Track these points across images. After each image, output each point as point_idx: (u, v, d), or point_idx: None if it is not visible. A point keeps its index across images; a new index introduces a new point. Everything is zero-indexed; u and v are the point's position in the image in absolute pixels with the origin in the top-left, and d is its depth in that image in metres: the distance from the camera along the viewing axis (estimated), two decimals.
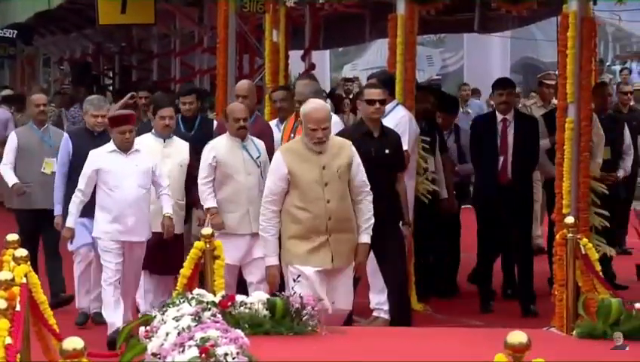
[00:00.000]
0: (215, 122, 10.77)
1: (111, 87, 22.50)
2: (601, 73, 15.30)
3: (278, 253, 7.57)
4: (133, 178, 8.77)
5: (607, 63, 22.40)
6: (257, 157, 8.89)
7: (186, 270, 6.82)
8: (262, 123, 10.09)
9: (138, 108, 11.45)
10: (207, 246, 6.79)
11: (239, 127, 8.87)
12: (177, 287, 6.76)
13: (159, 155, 9.17)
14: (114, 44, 23.21)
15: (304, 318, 6.39)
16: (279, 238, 7.54)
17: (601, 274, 6.79)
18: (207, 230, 7.04)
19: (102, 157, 8.86)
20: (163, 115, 9.30)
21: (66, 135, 9.73)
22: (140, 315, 7.50)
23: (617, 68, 21.84)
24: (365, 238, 7.61)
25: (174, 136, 9.44)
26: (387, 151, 8.44)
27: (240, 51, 13.62)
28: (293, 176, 7.43)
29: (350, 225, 7.55)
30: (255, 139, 9.08)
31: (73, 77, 24.07)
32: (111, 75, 24.74)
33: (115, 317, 8.60)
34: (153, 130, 9.44)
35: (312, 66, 15.34)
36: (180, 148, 9.39)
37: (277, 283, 7.56)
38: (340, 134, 8.26)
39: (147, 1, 15.15)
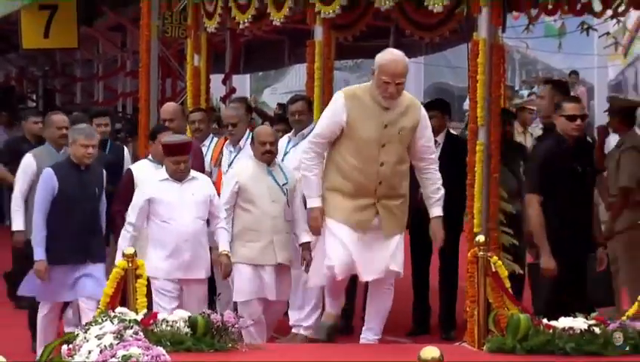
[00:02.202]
0: (126, 149, 10.63)
1: (35, 110, 22.31)
2: (509, 98, 15.45)
3: (320, 194, 6.89)
4: (189, 209, 7.85)
5: (516, 88, 22.71)
6: (284, 184, 8.25)
7: (108, 289, 6.76)
8: (192, 144, 10.04)
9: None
10: (130, 265, 6.74)
11: (265, 151, 8.23)
12: (100, 306, 6.70)
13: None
14: (37, 68, 23.07)
15: (225, 335, 6.37)
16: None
17: (510, 290, 6.86)
18: (129, 249, 6.91)
19: (153, 187, 7.93)
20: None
21: (49, 169, 8.25)
22: None
23: (525, 92, 22.15)
24: (438, 211, 6.99)
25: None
26: (588, 167, 7.95)
27: (162, 75, 13.61)
28: (349, 127, 6.70)
29: (401, 193, 6.87)
30: (284, 165, 8.51)
31: None
32: (34, 98, 24.56)
33: None
34: (150, 156, 8.77)
35: (233, 90, 15.39)
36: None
37: (319, 227, 6.94)
38: (538, 149, 8.09)
39: (70, 26, 15.06)
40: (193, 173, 7.99)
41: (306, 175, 6.98)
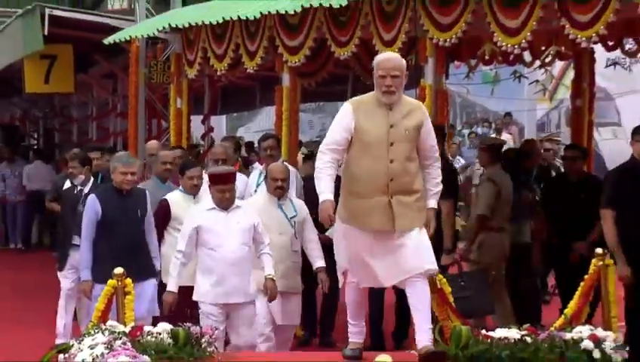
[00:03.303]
0: None
1: (35, 147, 22.21)
2: (452, 136, 15.52)
3: (331, 190, 6.28)
4: (234, 236, 7.31)
5: (458, 128, 22.81)
6: (292, 217, 7.94)
7: (100, 304, 6.69)
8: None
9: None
10: (119, 284, 6.67)
11: (276, 187, 7.91)
12: (92, 319, 6.63)
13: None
14: (38, 110, 22.96)
15: (203, 345, 6.32)
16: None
17: (453, 305, 6.85)
18: (118, 269, 6.84)
19: (201, 216, 7.40)
20: (191, 176, 8.10)
21: (92, 196, 7.85)
22: None
23: (466, 131, 22.26)
24: (433, 203, 6.42)
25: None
26: None
27: (148, 116, 13.56)
28: (358, 131, 6.25)
29: (415, 188, 6.28)
30: (295, 199, 8.21)
31: (2, 138, 23.68)
32: (36, 137, 24.45)
33: None
34: (181, 188, 8.25)
35: (211, 129, 15.33)
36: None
37: (329, 216, 6.26)
38: (615, 170, 7.77)
39: (68, 73, 14.98)
40: (238, 202, 7.55)
41: (318, 176, 6.38)
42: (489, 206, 8.84)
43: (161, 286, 7.59)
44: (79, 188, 9.20)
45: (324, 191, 6.28)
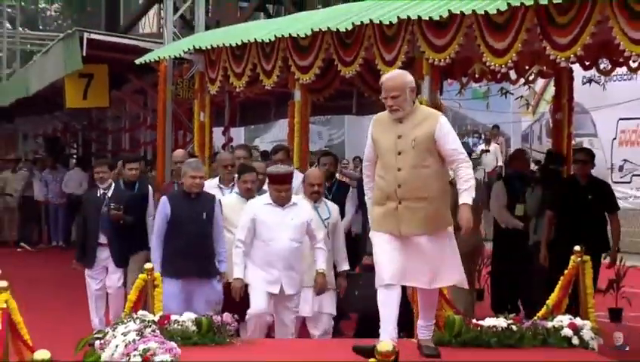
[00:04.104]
0: (150, 187, 10.44)
1: (75, 156, 22.27)
2: None
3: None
4: (286, 231, 7.10)
5: None
6: (326, 219, 7.75)
7: (132, 296, 6.70)
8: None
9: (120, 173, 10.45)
10: (149, 277, 6.67)
11: (312, 192, 7.78)
12: (125, 309, 6.63)
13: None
14: (77, 123, 23.01)
15: (224, 332, 6.32)
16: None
17: (447, 296, 6.84)
18: (149, 264, 6.84)
19: (258, 209, 7.22)
20: (246, 180, 7.85)
21: (164, 198, 7.74)
22: None
23: None
24: (464, 199, 5.88)
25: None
26: None
27: (175, 128, 13.58)
28: (375, 144, 6.06)
29: (424, 195, 5.88)
30: (329, 202, 7.96)
31: (45, 148, 23.76)
32: (75, 147, 24.51)
33: None
34: (237, 190, 8.03)
35: (231, 139, 15.37)
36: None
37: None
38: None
39: (103, 90, 15.03)
40: (295, 199, 7.31)
41: (366, 201, 6.30)
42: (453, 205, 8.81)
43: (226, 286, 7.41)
44: (102, 191, 9.12)
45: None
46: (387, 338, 5.58)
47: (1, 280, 5.77)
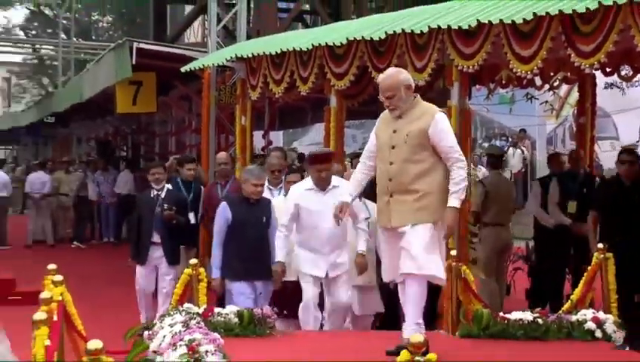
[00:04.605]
0: (202, 187, 10.48)
1: (125, 158, 22.43)
2: (473, 148, 15.41)
3: (351, 193, 6.00)
4: (329, 215, 6.48)
5: (479, 141, 22.67)
6: (367, 218, 7.32)
7: (178, 289, 6.73)
8: (238, 183, 9.96)
9: (170, 168, 10.72)
10: (194, 272, 6.70)
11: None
12: (172, 302, 6.66)
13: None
14: (127, 127, 23.18)
15: (264, 324, 6.32)
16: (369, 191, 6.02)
17: (476, 291, 6.80)
18: (194, 260, 6.87)
19: (301, 195, 7.05)
20: (289, 181, 7.78)
21: (223, 203, 7.57)
22: None
23: (485, 144, 22.12)
24: (451, 202, 5.58)
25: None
26: None
27: (218, 132, 13.62)
28: (376, 140, 5.91)
29: (414, 188, 5.63)
30: (369, 201, 7.32)
31: (97, 151, 23.99)
32: (125, 149, 24.68)
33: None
34: (284, 192, 7.84)
35: (270, 142, 15.37)
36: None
37: (338, 217, 5.95)
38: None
39: (151, 96, 15.11)
40: (335, 181, 7.05)
41: (352, 177, 6.19)
42: (477, 204, 8.84)
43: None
44: (156, 192, 9.16)
45: (345, 193, 6.08)
46: (408, 331, 5.56)
47: (57, 274, 5.83)
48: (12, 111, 45.14)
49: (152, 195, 9.11)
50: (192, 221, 9.56)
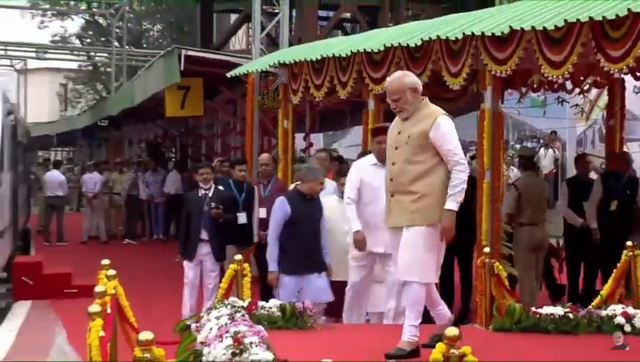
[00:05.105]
0: (255, 188, 10.42)
1: (173, 159, 22.59)
2: (506, 150, 15.29)
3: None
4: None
5: (511, 143, 22.49)
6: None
7: (224, 284, 6.76)
8: (280, 183, 9.99)
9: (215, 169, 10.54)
10: (239, 268, 6.72)
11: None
12: (218, 296, 6.69)
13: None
14: (175, 130, 23.33)
15: (305, 317, 6.33)
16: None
17: (508, 287, 6.75)
18: (238, 256, 6.87)
19: (365, 169, 6.88)
20: (342, 183, 7.47)
21: (282, 198, 7.43)
22: None
23: (517, 146, 21.93)
24: (448, 205, 5.38)
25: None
26: None
27: (261, 134, 13.66)
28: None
29: (412, 189, 5.46)
30: None
31: (148, 152, 24.17)
32: (173, 151, 24.85)
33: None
34: (337, 192, 7.74)
35: (311, 144, 15.40)
36: None
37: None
38: None
39: (199, 100, 15.21)
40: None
41: None
42: (511, 207, 8.82)
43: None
44: (204, 192, 9.16)
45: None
46: (405, 332, 5.42)
47: (111, 269, 5.88)
48: (68, 115, 45.79)
49: (200, 194, 9.12)
50: (244, 221, 9.49)
